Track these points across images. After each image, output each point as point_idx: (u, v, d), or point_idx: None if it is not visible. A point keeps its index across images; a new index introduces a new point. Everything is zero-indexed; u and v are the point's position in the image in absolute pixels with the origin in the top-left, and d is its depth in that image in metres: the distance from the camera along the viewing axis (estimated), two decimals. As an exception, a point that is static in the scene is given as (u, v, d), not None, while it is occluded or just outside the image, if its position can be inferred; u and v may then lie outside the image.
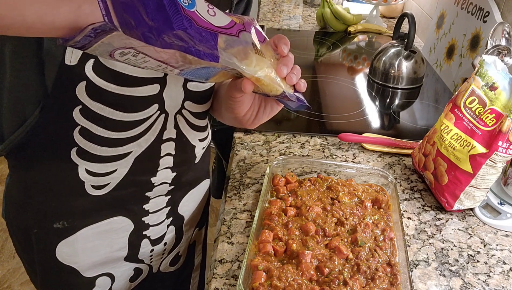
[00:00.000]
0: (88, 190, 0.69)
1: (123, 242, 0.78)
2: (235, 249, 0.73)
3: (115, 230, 0.76)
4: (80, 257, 0.74)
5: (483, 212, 0.84)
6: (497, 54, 0.99)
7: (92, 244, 0.74)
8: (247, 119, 0.69)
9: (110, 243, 0.76)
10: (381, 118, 1.18)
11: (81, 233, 0.73)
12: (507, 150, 0.76)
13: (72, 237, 0.72)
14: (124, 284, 0.83)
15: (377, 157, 0.99)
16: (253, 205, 0.83)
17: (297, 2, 2.23)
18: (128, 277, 0.83)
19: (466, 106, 0.82)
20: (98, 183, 0.70)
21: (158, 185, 0.77)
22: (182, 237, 0.89)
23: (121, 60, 0.45)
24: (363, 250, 0.68)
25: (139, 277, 0.86)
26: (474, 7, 1.28)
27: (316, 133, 1.07)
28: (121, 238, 0.77)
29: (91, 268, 0.77)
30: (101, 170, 0.68)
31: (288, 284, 0.62)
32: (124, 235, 0.77)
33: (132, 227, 0.77)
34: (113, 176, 0.70)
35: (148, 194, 0.76)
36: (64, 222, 0.71)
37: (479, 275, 0.72)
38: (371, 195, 0.80)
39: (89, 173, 0.68)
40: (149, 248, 0.83)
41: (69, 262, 0.74)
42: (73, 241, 0.72)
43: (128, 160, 0.70)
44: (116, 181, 0.71)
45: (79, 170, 0.67)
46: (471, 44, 1.27)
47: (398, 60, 1.34)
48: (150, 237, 0.81)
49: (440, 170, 0.83)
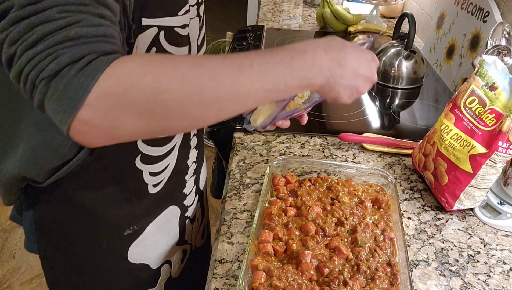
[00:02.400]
0: (150, 190, 0.74)
1: (176, 228, 0.84)
2: (235, 249, 0.73)
3: (169, 219, 0.81)
4: (149, 252, 0.80)
5: (483, 212, 0.84)
6: (497, 54, 0.99)
7: (155, 238, 0.79)
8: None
9: (168, 233, 0.82)
10: (381, 118, 1.18)
11: (147, 231, 0.77)
12: (507, 150, 0.76)
13: (141, 237, 0.77)
14: (178, 268, 0.89)
15: (377, 157, 0.99)
16: (253, 205, 0.83)
17: (297, 2, 2.23)
18: (180, 260, 0.89)
19: (466, 106, 0.82)
20: (157, 181, 0.75)
21: (190, 167, 0.84)
22: (205, 208, 0.97)
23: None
24: (363, 250, 0.68)
25: (185, 257, 0.91)
26: (474, 7, 1.28)
27: (316, 133, 1.07)
28: (174, 225, 0.83)
29: (157, 259, 0.82)
30: (159, 169, 0.74)
31: (288, 284, 0.62)
32: (175, 222, 0.83)
33: (179, 212, 0.83)
34: (167, 171, 0.76)
35: (185, 178, 0.84)
36: (134, 226, 0.75)
37: (479, 275, 0.72)
38: (371, 195, 0.80)
39: (151, 174, 0.73)
40: (190, 228, 0.89)
41: (140, 260, 0.79)
42: (142, 240, 0.77)
43: (175, 152, 0.76)
44: (168, 175, 0.77)
45: (143, 175, 0.72)
46: (471, 44, 1.27)
47: (398, 60, 1.34)
48: (189, 217, 0.87)
49: (440, 170, 0.83)
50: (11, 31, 0.44)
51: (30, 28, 0.44)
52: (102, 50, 0.45)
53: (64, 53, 0.43)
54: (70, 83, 0.43)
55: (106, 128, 0.46)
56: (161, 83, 0.45)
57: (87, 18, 0.45)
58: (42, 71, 0.43)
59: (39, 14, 0.44)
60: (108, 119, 0.45)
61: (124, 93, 0.44)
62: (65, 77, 0.43)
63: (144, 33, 0.59)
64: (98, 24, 0.46)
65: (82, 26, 0.45)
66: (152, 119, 0.46)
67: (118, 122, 0.45)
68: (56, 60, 0.43)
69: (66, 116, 0.43)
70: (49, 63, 0.43)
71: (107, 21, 0.47)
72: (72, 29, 0.44)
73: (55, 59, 0.43)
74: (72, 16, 0.45)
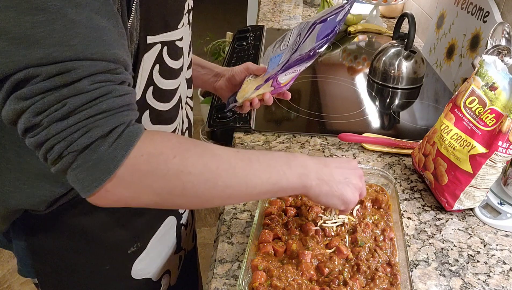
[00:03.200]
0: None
1: (174, 237, 0.83)
2: (235, 249, 0.73)
3: (168, 230, 0.80)
4: (152, 266, 0.78)
5: (483, 212, 0.84)
6: (497, 54, 0.99)
7: (157, 250, 0.78)
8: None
9: (168, 243, 0.81)
10: (381, 118, 1.18)
11: (149, 246, 0.75)
12: (507, 150, 0.76)
13: (144, 252, 0.75)
14: (176, 274, 0.89)
15: (377, 157, 0.99)
16: (253, 205, 0.83)
17: (297, 2, 2.23)
18: (177, 267, 0.89)
19: (466, 106, 0.82)
20: None
21: None
22: (194, 212, 0.97)
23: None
24: (363, 250, 0.68)
25: (181, 263, 0.91)
26: (474, 7, 1.28)
27: (316, 133, 1.07)
28: (172, 235, 0.82)
29: (158, 271, 0.80)
30: None
31: (288, 284, 0.62)
32: (173, 232, 0.82)
33: (176, 222, 0.82)
34: None
35: None
36: (138, 243, 0.73)
37: (479, 275, 0.72)
38: (371, 195, 0.80)
39: None
40: (185, 234, 0.88)
41: (143, 275, 0.77)
42: (145, 255, 0.75)
43: None
44: None
45: None
46: (471, 44, 1.27)
47: (398, 60, 1.34)
48: (183, 224, 0.86)
49: (440, 170, 0.83)
50: (37, 101, 0.44)
51: (60, 100, 0.44)
52: (129, 120, 0.48)
53: (95, 126, 0.45)
54: (102, 157, 0.45)
55: (126, 199, 0.49)
56: (187, 167, 0.50)
57: (115, 88, 0.47)
58: (71, 144, 0.44)
59: (70, 85, 0.44)
60: (131, 191, 0.48)
61: (152, 171, 0.48)
62: (95, 151, 0.45)
63: (149, 51, 0.58)
64: (124, 92, 0.48)
65: (112, 97, 0.46)
66: (168, 196, 0.51)
67: (137, 195, 0.49)
68: (88, 134, 0.45)
69: (94, 185, 0.46)
70: (80, 136, 0.45)
71: (128, 86, 0.49)
72: (104, 102, 0.45)
73: (86, 133, 0.45)
74: (102, 86, 0.45)
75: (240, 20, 3.65)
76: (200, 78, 0.92)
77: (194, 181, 0.50)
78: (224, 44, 2.71)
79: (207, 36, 2.79)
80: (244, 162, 0.55)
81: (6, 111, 0.45)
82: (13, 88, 0.44)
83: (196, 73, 0.90)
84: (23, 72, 0.43)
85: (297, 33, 0.77)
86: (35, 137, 0.45)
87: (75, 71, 0.44)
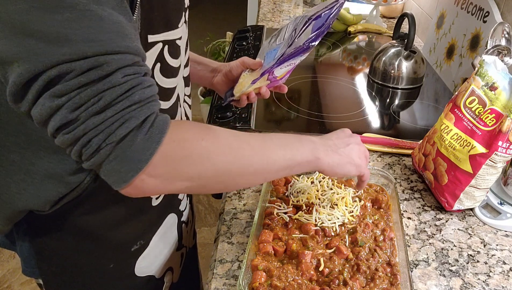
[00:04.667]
0: (153, 202, 0.73)
1: (175, 235, 0.84)
2: (235, 249, 0.73)
3: (169, 228, 0.81)
4: (155, 264, 0.79)
5: (483, 212, 0.84)
6: (497, 54, 0.99)
7: (159, 248, 0.79)
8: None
9: (169, 241, 0.82)
10: (381, 118, 1.18)
11: (151, 243, 0.76)
12: (507, 150, 0.76)
13: (147, 250, 0.76)
14: (178, 272, 0.90)
15: (377, 157, 0.99)
16: (253, 205, 0.83)
17: (297, 2, 2.23)
18: (179, 264, 0.89)
19: (466, 106, 0.82)
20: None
21: None
22: (193, 209, 0.97)
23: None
24: (363, 250, 0.68)
25: (182, 260, 0.91)
26: (474, 7, 1.28)
27: (316, 133, 1.07)
28: (173, 232, 0.83)
29: (161, 269, 0.81)
30: None
31: (288, 284, 0.62)
32: (174, 229, 0.83)
33: (176, 219, 0.83)
34: None
35: None
36: (141, 241, 0.74)
37: (479, 275, 0.72)
38: (371, 195, 0.80)
39: None
40: (186, 231, 0.89)
41: (146, 273, 0.78)
42: (148, 253, 0.76)
43: None
44: None
45: None
46: (471, 44, 1.27)
47: (398, 60, 1.34)
48: (184, 221, 0.87)
49: (440, 170, 0.83)
50: (73, 97, 0.45)
51: (96, 94, 0.45)
52: (157, 109, 0.50)
53: (131, 117, 0.47)
54: (138, 147, 0.47)
55: (160, 186, 0.51)
56: (214, 148, 0.53)
57: (144, 80, 0.49)
58: (109, 135, 0.46)
59: (104, 79, 0.45)
60: (165, 178, 0.50)
61: (184, 155, 0.50)
62: (132, 141, 0.47)
63: (151, 50, 0.59)
64: (150, 83, 0.50)
65: (142, 89, 0.48)
66: (199, 179, 0.53)
67: (171, 181, 0.51)
68: (124, 125, 0.46)
69: (130, 174, 0.48)
70: (117, 128, 0.46)
71: (151, 78, 0.51)
72: (136, 93, 0.47)
73: (122, 124, 0.46)
74: (132, 79, 0.47)
75: (240, 20, 3.65)
76: (197, 74, 0.92)
77: (221, 161, 0.53)
78: (224, 44, 2.71)
79: (207, 36, 2.79)
80: (260, 142, 0.59)
81: (40, 109, 0.45)
82: (45, 86, 0.45)
83: (193, 69, 0.90)
84: (56, 68, 0.44)
85: (292, 28, 0.78)
86: (71, 133, 0.46)
87: (107, 65, 0.45)
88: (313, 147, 0.63)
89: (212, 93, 1.02)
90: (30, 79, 0.44)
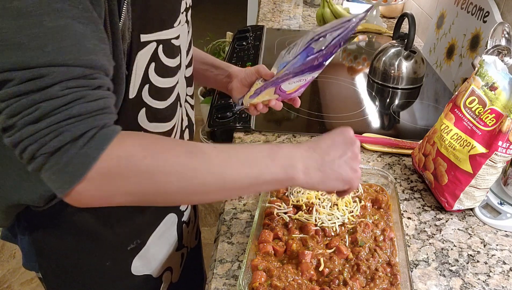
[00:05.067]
0: None
1: (175, 235, 0.83)
2: (235, 249, 0.73)
3: (168, 228, 0.80)
4: (152, 263, 0.79)
5: (483, 212, 0.84)
6: (497, 54, 0.99)
7: (157, 247, 0.79)
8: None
9: (168, 241, 0.81)
10: (381, 118, 1.18)
11: (149, 242, 0.76)
12: (507, 150, 0.76)
13: (144, 249, 0.76)
14: (177, 272, 0.89)
15: (377, 157, 0.99)
16: (253, 205, 0.83)
17: (297, 2, 2.23)
18: (179, 264, 0.89)
19: (466, 106, 0.82)
20: None
21: None
22: (197, 210, 0.97)
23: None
24: (363, 250, 0.68)
25: (183, 261, 0.91)
26: (474, 7, 1.28)
27: (316, 133, 1.07)
28: (172, 232, 0.82)
29: (159, 268, 0.81)
30: None
31: (288, 284, 0.62)
32: (174, 229, 0.83)
33: (177, 219, 0.82)
34: None
35: None
36: (137, 240, 0.74)
37: (479, 275, 0.72)
38: (371, 195, 0.80)
39: None
40: (186, 232, 0.88)
41: (143, 272, 0.78)
42: (144, 252, 0.76)
43: None
44: None
45: None
46: (471, 44, 1.27)
47: (398, 60, 1.34)
48: (185, 221, 0.87)
49: (440, 170, 0.83)
50: (11, 104, 0.45)
51: (32, 104, 0.45)
52: (102, 123, 0.48)
53: (66, 130, 0.46)
54: (71, 160, 0.46)
55: (99, 199, 0.50)
56: (158, 167, 0.50)
57: (88, 93, 0.47)
58: (43, 146, 0.46)
59: (41, 91, 0.45)
60: (103, 193, 0.49)
61: (122, 173, 0.49)
62: (66, 153, 0.46)
63: (143, 50, 0.59)
64: (98, 97, 0.48)
65: (84, 102, 0.47)
66: (142, 195, 0.51)
67: (110, 196, 0.50)
68: (58, 138, 0.46)
69: (64, 187, 0.47)
70: (51, 139, 0.46)
71: (106, 91, 0.50)
72: (74, 107, 0.46)
73: (57, 137, 0.46)
74: (74, 92, 0.47)
75: (240, 20, 3.65)
76: (214, 78, 0.92)
77: (166, 180, 0.51)
78: (224, 44, 2.71)
79: (207, 36, 2.79)
80: (221, 158, 0.55)
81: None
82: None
83: (210, 73, 0.90)
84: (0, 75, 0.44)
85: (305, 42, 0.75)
86: (10, 137, 0.47)
87: (48, 76, 0.45)
88: (289, 165, 0.57)
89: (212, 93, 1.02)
90: None
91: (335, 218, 0.73)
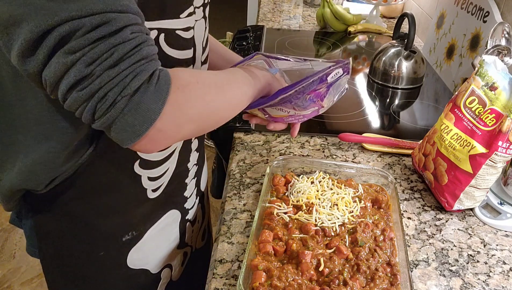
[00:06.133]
0: (149, 195, 0.74)
1: (176, 232, 0.84)
2: (235, 249, 0.73)
3: (170, 224, 0.81)
4: (149, 257, 0.79)
5: (483, 212, 0.84)
6: (497, 54, 0.99)
7: (155, 242, 0.79)
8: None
9: (168, 237, 0.82)
10: (381, 118, 1.18)
11: (146, 236, 0.76)
12: (507, 150, 0.76)
13: (140, 242, 0.76)
14: (178, 271, 0.89)
15: (377, 157, 0.99)
16: (253, 205, 0.83)
17: (297, 2, 2.23)
18: (180, 263, 0.89)
19: (466, 106, 0.82)
20: (156, 185, 0.74)
21: (191, 170, 0.83)
22: (205, 210, 0.98)
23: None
24: (363, 250, 0.68)
25: (186, 260, 0.91)
26: (474, 7, 1.28)
27: (316, 133, 1.07)
28: (174, 229, 0.83)
29: (157, 264, 0.81)
30: (159, 173, 0.73)
31: (288, 284, 0.62)
32: (175, 226, 0.83)
33: (180, 216, 0.83)
34: (166, 175, 0.75)
35: (186, 181, 0.83)
36: (133, 232, 0.75)
37: (479, 275, 0.72)
38: (371, 195, 0.80)
39: (150, 179, 0.72)
40: (191, 230, 0.89)
41: (140, 266, 0.78)
42: (141, 245, 0.76)
43: (175, 156, 0.75)
44: (168, 179, 0.76)
45: (142, 180, 0.71)
46: (471, 44, 1.27)
47: (398, 60, 1.34)
48: (190, 220, 0.87)
49: (440, 170, 0.83)
50: (87, 52, 0.46)
51: (109, 48, 0.46)
52: (160, 64, 0.52)
53: (142, 70, 0.49)
54: (150, 98, 0.49)
55: (172, 133, 0.53)
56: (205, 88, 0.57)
57: (148, 38, 0.51)
58: (124, 88, 0.47)
59: (116, 34, 0.47)
60: (176, 124, 0.53)
61: (187, 99, 0.53)
62: (145, 93, 0.49)
63: None
64: (152, 42, 0.52)
65: (148, 45, 0.50)
66: (199, 120, 0.57)
67: (181, 127, 0.54)
68: (137, 77, 0.48)
69: (145, 126, 0.49)
70: (131, 80, 0.48)
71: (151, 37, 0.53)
72: (143, 49, 0.49)
73: (135, 77, 0.48)
74: (139, 36, 0.49)
75: (240, 20, 3.65)
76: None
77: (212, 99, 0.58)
78: (224, 44, 2.71)
79: (207, 36, 2.78)
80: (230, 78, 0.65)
81: (54, 68, 0.46)
82: (57, 44, 0.45)
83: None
84: (66, 24, 0.44)
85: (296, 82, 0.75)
86: (86, 88, 0.47)
87: (115, 21, 0.46)
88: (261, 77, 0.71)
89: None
90: (40, 36, 0.44)
91: (335, 218, 0.73)
